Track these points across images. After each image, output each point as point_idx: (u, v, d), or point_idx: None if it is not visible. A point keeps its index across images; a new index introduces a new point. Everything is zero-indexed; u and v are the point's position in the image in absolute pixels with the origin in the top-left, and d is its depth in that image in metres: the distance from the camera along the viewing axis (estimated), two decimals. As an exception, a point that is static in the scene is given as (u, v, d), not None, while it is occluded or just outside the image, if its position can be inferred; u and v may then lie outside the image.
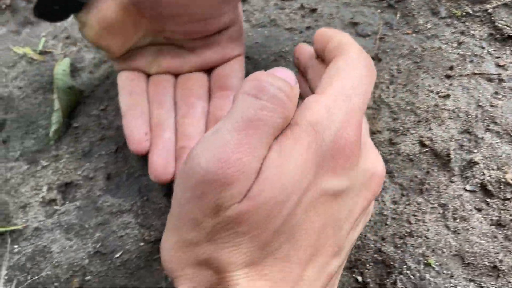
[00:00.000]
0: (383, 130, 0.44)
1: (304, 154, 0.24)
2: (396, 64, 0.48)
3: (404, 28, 0.51)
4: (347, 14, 0.53)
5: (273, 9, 0.55)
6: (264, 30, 0.53)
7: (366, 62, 0.30)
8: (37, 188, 0.44)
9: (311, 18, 0.54)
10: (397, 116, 0.45)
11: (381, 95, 0.46)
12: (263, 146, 0.24)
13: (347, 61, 0.30)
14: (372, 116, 0.45)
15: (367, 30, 0.51)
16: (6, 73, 0.53)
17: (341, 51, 0.31)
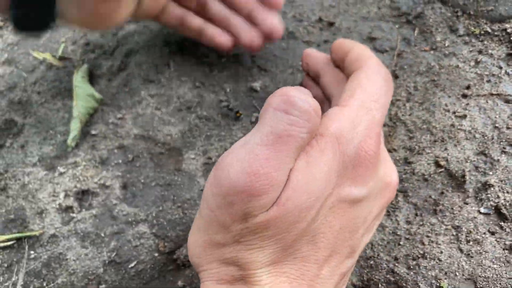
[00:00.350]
0: (398, 149, 0.44)
1: (328, 165, 0.26)
2: (413, 81, 0.48)
3: (422, 44, 0.51)
4: (365, 28, 0.53)
5: (291, 21, 0.55)
6: (281, 42, 0.53)
7: (385, 76, 0.33)
8: (54, 194, 0.45)
9: (329, 31, 0.54)
10: (413, 135, 0.45)
11: (398, 113, 0.46)
12: (291, 160, 0.26)
13: (368, 74, 0.32)
14: (388, 133, 0.45)
15: (385, 46, 0.51)
16: (25, 78, 0.54)
17: (361, 63, 0.33)
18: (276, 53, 0.52)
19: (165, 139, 0.47)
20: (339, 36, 0.53)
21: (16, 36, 0.58)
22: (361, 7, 0.55)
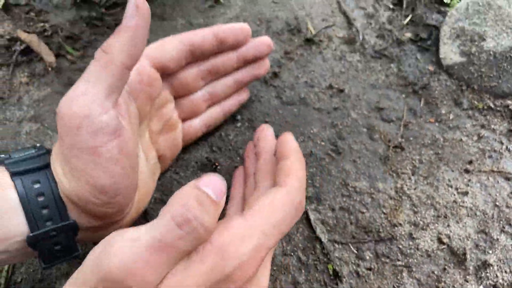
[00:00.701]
0: (404, 223, 0.47)
1: (203, 277, 0.29)
2: (418, 153, 0.51)
3: (428, 116, 0.54)
4: (373, 96, 0.56)
5: (303, 87, 0.58)
6: (293, 108, 0.56)
7: (297, 203, 0.35)
8: None
9: (338, 98, 0.57)
10: (417, 210, 0.47)
11: (403, 186, 0.49)
12: (169, 266, 0.28)
13: (283, 196, 0.34)
14: (394, 207, 0.48)
15: (392, 116, 0.54)
16: (51, 136, 0.57)
17: (285, 180, 0.36)
18: (288, 119, 0.55)
19: (183, 204, 0.50)
20: (348, 104, 0.56)
21: (42, 92, 0.61)
22: (369, 74, 0.58)
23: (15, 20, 0.66)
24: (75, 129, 0.33)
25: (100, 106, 0.33)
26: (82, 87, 0.33)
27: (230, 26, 0.47)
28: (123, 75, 0.35)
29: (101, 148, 0.33)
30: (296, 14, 0.65)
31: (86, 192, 0.34)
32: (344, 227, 0.47)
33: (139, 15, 0.34)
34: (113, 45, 0.34)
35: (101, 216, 0.37)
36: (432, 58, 0.58)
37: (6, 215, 0.33)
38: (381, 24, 0.62)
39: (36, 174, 0.36)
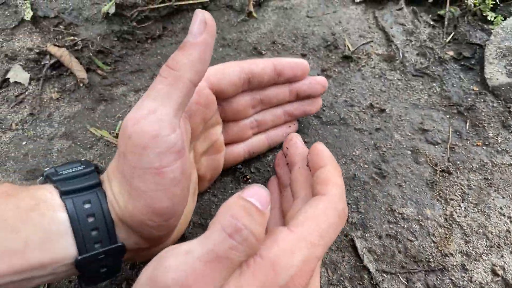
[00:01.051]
0: (455, 253, 0.45)
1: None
2: (466, 178, 0.49)
3: (474, 139, 0.52)
4: (416, 117, 0.54)
5: (343, 106, 0.56)
6: (334, 128, 0.55)
7: (341, 212, 0.34)
8: None
9: (380, 118, 0.55)
10: (469, 239, 0.46)
11: (453, 214, 0.47)
12: (223, 278, 0.28)
13: (326, 206, 0.34)
14: (444, 236, 0.46)
15: (437, 138, 0.52)
16: (84, 154, 0.55)
17: (326, 189, 0.35)
18: (329, 140, 0.54)
19: (222, 228, 0.48)
20: (391, 124, 0.54)
21: (73, 109, 0.59)
22: (411, 94, 0.56)
23: (43, 33, 0.65)
24: (142, 148, 0.32)
25: (169, 125, 0.32)
26: (150, 105, 0.32)
27: (290, 60, 0.47)
28: (190, 92, 0.34)
29: (166, 168, 0.32)
30: (332, 29, 0.63)
31: (143, 214, 0.33)
32: (392, 256, 0.46)
33: (207, 32, 0.34)
34: (181, 61, 0.33)
35: (150, 238, 0.36)
36: (477, 78, 0.56)
37: (56, 238, 0.32)
38: (421, 41, 0.60)
39: (87, 193, 0.35)
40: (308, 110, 0.51)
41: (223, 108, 0.46)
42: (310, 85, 0.49)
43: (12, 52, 0.63)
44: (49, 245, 0.32)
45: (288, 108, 0.50)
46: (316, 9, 0.66)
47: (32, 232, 0.31)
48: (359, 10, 0.65)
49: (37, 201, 0.33)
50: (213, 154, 0.47)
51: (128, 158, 0.33)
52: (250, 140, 0.50)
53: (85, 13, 0.66)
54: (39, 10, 0.65)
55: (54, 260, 0.32)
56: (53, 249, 0.32)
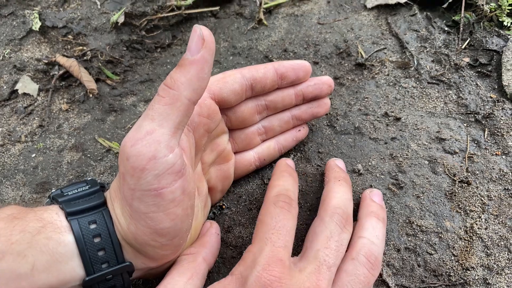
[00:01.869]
0: (476, 267, 0.44)
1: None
2: (486, 189, 0.48)
3: (493, 147, 0.51)
4: (432, 125, 0.53)
5: (357, 115, 0.55)
6: (348, 137, 0.53)
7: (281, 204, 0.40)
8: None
9: (395, 127, 0.54)
10: (490, 252, 0.44)
11: (473, 226, 0.46)
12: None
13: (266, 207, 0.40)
14: (464, 248, 0.45)
15: (455, 147, 0.51)
16: (94, 167, 0.55)
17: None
18: (343, 150, 0.52)
19: (236, 242, 0.47)
20: (407, 133, 0.53)
21: (82, 120, 0.59)
22: (427, 101, 0.55)
23: (52, 44, 0.64)
24: (140, 171, 0.31)
25: (167, 146, 0.32)
26: (148, 126, 0.32)
27: (291, 62, 0.46)
28: (189, 111, 0.34)
29: (165, 189, 0.32)
30: (344, 36, 0.62)
31: (145, 235, 0.33)
32: (411, 270, 0.44)
33: (205, 48, 0.33)
34: (178, 80, 0.33)
35: (157, 258, 0.36)
36: (494, 85, 0.55)
37: (63, 260, 0.32)
38: (436, 48, 0.59)
39: (92, 213, 0.35)
40: (316, 112, 0.50)
41: (227, 117, 0.46)
42: (316, 85, 0.48)
43: (20, 63, 0.62)
44: (56, 268, 0.32)
45: (295, 112, 0.49)
46: (327, 16, 0.65)
47: (39, 256, 0.31)
48: (371, 16, 0.64)
49: (43, 223, 0.33)
50: (222, 164, 0.47)
51: (127, 180, 0.32)
52: (260, 147, 0.49)
53: (93, 22, 0.65)
54: (47, 20, 0.65)
55: (62, 282, 0.32)
56: (60, 272, 0.32)
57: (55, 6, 0.67)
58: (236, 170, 0.49)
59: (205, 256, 0.40)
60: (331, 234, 0.37)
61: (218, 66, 0.62)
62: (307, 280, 0.34)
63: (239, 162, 0.49)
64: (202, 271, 0.39)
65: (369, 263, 0.37)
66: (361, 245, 0.39)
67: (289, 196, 0.40)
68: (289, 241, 0.37)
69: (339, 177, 0.44)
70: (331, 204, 0.40)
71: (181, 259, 0.39)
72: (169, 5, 0.63)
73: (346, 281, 0.36)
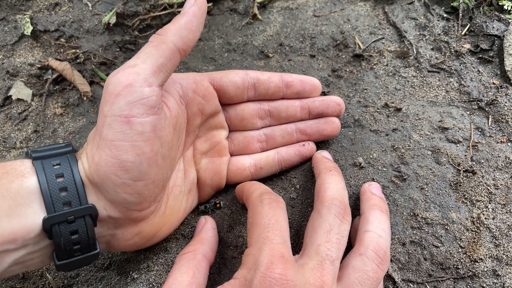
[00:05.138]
0: (485, 258, 0.42)
1: None
2: (492, 178, 0.47)
3: (498, 135, 0.49)
4: (435, 115, 0.52)
5: (356, 107, 0.54)
6: (348, 131, 0.52)
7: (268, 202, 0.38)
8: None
9: (396, 118, 0.52)
10: (499, 242, 0.43)
11: (480, 216, 0.44)
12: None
13: (252, 208, 0.38)
14: (472, 240, 0.43)
15: (458, 136, 0.50)
16: (90, 170, 0.54)
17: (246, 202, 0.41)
18: (343, 144, 0.51)
19: (237, 242, 0.46)
20: (408, 124, 0.51)
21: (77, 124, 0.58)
22: (428, 91, 0.54)
23: (45, 48, 0.64)
24: (115, 96, 0.33)
25: (144, 79, 0.34)
26: (132, 61, 0.35)
27: (299, 75, 0.47)
28: (173, 55, 0.36)
29: (135, 118, 0.33)
30: (341, 28, 0.61)
31: (107, 166, 0.33)
32: (418, 264, 0.43)
33: (196, 4, 0.37)
34: (168, 28, 0.36)
35: (118, 203, 0.35)
36: (497, 71, 0.53)
37: (25, 202, 0.32)
38: (435, 36, 0.57)
39: (58, 158, 0.35)
40: (322, 129, 0.48)
41: (227, 113, 0.46)
42: (323, 101, 0.47)
43: (13, 68, 0.62)
44: (18, 211, 0.32)
45: (301, 126, 0.48)
46: (323, 8, 0.64)
47: (1, 200, 0.31)
48: (368, 6, 0.63)
49: (6, 169, 0.33)
50: (215, 157, 0.47)
51: (102, 109, 0.34)
52: (258, 154, 0.48)
53: (85, 25, 0.64)
54: (39, 24, 0.64)
55: (25, 228, 0.32)
56: (22, 216, 0.32)
57: (46, 10, 0.66)
58: (230, 171, 0.48)
59: (205, 253, 0.39)
60: (331, 227, 0.36)
61: (213, 63, 0.61)
62: (311, 276, 0.33)
63: (233, 164, 0.48)
64: (204, 268, 0.38)
65: (378, 257, 0.36)
66: (368, 239, 0.37)
67: (271, 192, 0.40)
68: (286, 235, 0.36)
69: (329, 167, 0.43)
70: (327, 196, 0.39)
71: (181, 258, 0.38)
72: (161, 4, 0.62)
73: (354, 278, 0.35)
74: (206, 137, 0.46)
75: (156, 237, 0.42)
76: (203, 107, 0.43)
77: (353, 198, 0.46)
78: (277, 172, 0.49)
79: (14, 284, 0.45)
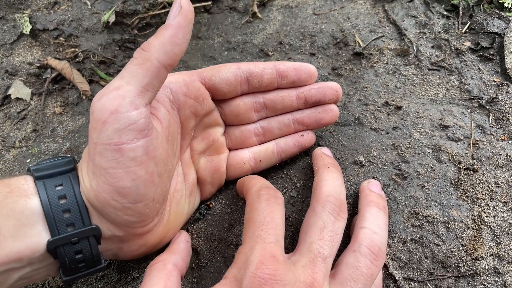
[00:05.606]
0: (486, 256, 0.42)
1: None
2: (493, 176, 0.46)
3: (499, 133, 0.49)
4: (435, 113, 0.52)
5: (357, 105, 0.53)
6: (348, 129, 0.52)
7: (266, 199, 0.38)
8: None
9: (396, 116, 0.52)
10: (500, 240, 0.43)
11: (481, 214, 0.44)
12: None
13: (250, 204, 0.38)
14: (473, 238, 0.43)
15: (459, 134, 0.50)
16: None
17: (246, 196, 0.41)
18: (344, 142, 0.51)
19: (237, 241, 0.46)
20: (408, 122, 0.51)
21: (77, 122, 0.58)
22: (428, 89, 0.54)
23: (44, 46, 0.63)
24: (102, 124, 0.32)
25: (131, 103, 0.32)
26: (116, 83, 0.33)
27: (294, 62, 0.45)
28: (159, 73, 0.34)
29: (125, 145, 0.32)
30: (341, 26, 0.61)
31: (105, 193, 0.33)
32: (418, 262, 0.43)
33: (181, 15, 0.34)
34: (152, 43, 0.34)
35: (121, 224, 0.35)
36: (497, 69, 0.53)
37: (29, 223, 0.32)
38: (436, 33, 0.57)
39: (60, 177, 0.35)
40: (320, 118, 0.47)
41: (222, 109, 0.45)
42: (320, 89, 0.46)
43: (12, 67, 0.61)
44: (23, 232, 0.32)
45: (297, 116, 0.47)
46: (322, 6, 0.64)
47: (5, 220, 0.31)
48: (368, 4, 0.63)
49: (10, 188, 0.33)
50: (213, 155, 0.46)
51: (91, 135, 0.33)
52: (257, 147, 0.48)
53: (85, 23, 0.64)
54: (38, 23, 0.63)
55: (29, 248, 0.32)
56: (27, 236, 0.32)
57: (45, 9, 0.66)
58: (229, 167, 0.48)
59: (175, 262, 0.38)
60: (325, 224, 0.36)
61: (213, 62, 0.60)
62: (302, 274, 0.33)
63: (232, 159, 0.48)
64: (175, 277, 0.37)
65: (372, 253, 0.36)
66: (362, 236, 0.37)
67: (271, 188, 0.40)
68: (280, 234, 0.35)
69: (327, 164, 0.43)
70: (322, 193, 0.39)
71: (151, 269, 0.37)
72: (160, 2, 0.62)
73: (347, 274, 0.35)
74: (202, 136, 0.45)
75: (162, 243, 0.42)
76: (196, 109, 0.42)
77: (354, 196, 0.46)
78: (277, 163, 0.49)
79: (14, 284, 0.45)
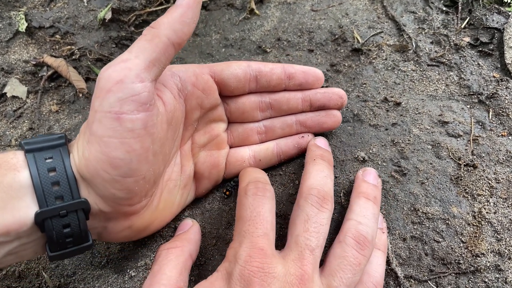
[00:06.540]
0: (487, 253, 0.42)
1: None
2: (493, 172, 0.46)
3: (499, 128, 0.49)
4: (434, 108, 0.51)
5: (356, 102, 0.53)
6: (347, 125, 0.52)
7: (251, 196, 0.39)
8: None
9: (396, 112, 0.52)
10: (501, 236, 0.42)
11: (482, 210, 0.44)
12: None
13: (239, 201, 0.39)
14: (473, 234, 0.43)
15: (458, 130, 0.49)
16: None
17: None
18: (342, 139, 0.51)
19: (235, 238, 0.46)
20: (408, 118, 0.51)
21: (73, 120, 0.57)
22: (427, 84, 0.53)
23: (40, 44, 0.63)
24: (105, 92, 0.32)
25: (136, 75, 0.33)
26: (125, 56, 0.34)
27: (302, 66, 0.46)
28: (167, 50, 0.35)
29: (125, 115, 0.32)
30: (339, 22, 0.60)
31: (97, 163, 0.33)
32: (419, 259, 0.42)
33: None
34: (161, 21, 0.35)
35: (108, 198, 0.35)
36: (497, 64, 0.53)
37: (18, 196, 0.32)
38: (435, 29, 0.57)
39: (50, 151, 0.35)
40: (323, 122, 0.47)
41: (228, 106, 0.46)
42: (325, 94, 0.46)
43: (8, 65, 0.61)
44: (10, 205, 0.32)
45: (301, 117, 0.47)
46: (321, 2, 0.63)
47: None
48: (366, 0, 0.62)
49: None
50: (213, 150, 0.46)
51: (93, 104, 0.33)
52: (258, 146, 0.48)
53: (81, 21, 0.63)
54: (34, 21, 0.63)
55: (18, 221, 0.32)
56: (15, 209, 0.32)
57: (41, 6, 0.65)
58: (228, 164, 0.47)
59: (191, 253, 0.40)
60: (308, 216, 0.37)
61: (211, 59, 0.60)
62: (292, 267, 0.34)
63: (232, 156, 0.48)
64: (189, 267, 0.39)
65: (357, 243, 0.37)
66: (347, 227, 0.38)
67: (259, 181, 0.40)
68: (268, 227, 0.36)
69: (314, 156, 0.43)
70: (305, 186, 0.39)
71: (168, 252, 0.38)
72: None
73: (335, 265, 0.36)
74: (204, 130, 0.45)
75: (147, 230, 0.42)
76: (202, 101, 0.42)
77: (353, 193, 0.46)
78: (276, 164, 0.49)
79: (11, 283, 0.45)
